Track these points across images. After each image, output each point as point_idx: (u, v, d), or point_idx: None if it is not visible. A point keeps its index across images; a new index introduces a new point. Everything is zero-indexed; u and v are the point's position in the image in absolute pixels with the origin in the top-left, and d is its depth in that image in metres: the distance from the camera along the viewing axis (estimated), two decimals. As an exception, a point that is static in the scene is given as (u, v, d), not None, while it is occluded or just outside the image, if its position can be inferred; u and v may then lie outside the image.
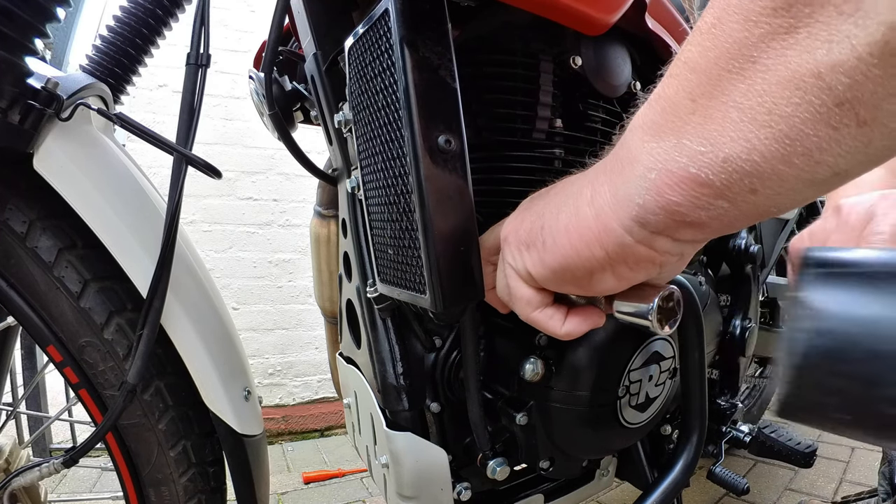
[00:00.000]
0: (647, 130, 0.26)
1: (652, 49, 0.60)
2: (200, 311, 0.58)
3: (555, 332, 0.37)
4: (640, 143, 0.26)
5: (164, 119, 1.83)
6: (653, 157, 0.25)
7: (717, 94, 0.23)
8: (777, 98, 0.21)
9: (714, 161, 0.23)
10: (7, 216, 0.51)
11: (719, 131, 0.23)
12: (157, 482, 0.59)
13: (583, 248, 0.30)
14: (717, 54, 0.22)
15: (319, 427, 2.02)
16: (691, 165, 0.24)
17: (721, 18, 0.22)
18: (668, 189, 0.25)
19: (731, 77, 0.22)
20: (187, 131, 0.53)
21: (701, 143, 0.23)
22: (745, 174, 0.23)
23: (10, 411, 0.86)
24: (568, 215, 0.31)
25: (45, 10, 0.47)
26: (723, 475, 0.78)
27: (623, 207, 0.27)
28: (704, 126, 0.23)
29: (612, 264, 0.30)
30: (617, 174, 0.28)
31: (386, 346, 0.53)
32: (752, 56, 0.21)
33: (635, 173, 0.26)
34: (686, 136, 0.24)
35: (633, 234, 0.28)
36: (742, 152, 0.22)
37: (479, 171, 0.49)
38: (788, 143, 0.21)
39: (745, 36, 0.21)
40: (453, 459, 0.54)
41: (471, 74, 0.49)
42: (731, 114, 0.22)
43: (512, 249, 0.36)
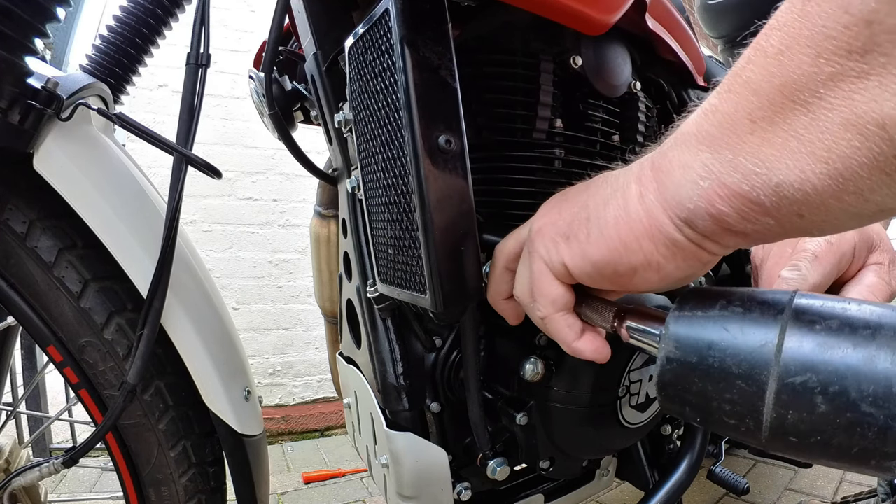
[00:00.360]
0: (703, 140, 0.26)
1: (652, 49, 0.60)
2: (200, 311, 0.57)
3: (566, 343, 0.37)
4: (695, 150, 0.27)
5: (164, 119, 1.83)
6: (707, 167, 0.26)
7: (778, 120, 0.23)
8: (837, 138, 0.21)
9: (767, 183, 0.24)
10: (7, 216, 0.51)
11: (776, 157, 0.23)
12: (157, 482, 0.59)
13: (632, 242, 0.30)
14: (783, 82, 0.22)
15: (319, 427, 2.02)
16: (744, 183, 0.24)
17: (790, 47, 0.22)
18: (718, 200, 0.26)
19: (795, 107, 0.22)
20: (187, 131, 0.53)
21: (756, 164, 0.24)
22: (795, 201, 0.23)
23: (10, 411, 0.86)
24: (616, 208, 0.31)
25: (45, 10, 0.47)
26: (723, 475, 0.78)
27: (673, 207, 0.28)
28: (762, 148, 0.24)
29: (659, 261, 0.30)
30: (667, 175, 0.28)
31: (386, 346, 0.53)
32: (818, 92, 0.21)
33: (687, 178, 0.27)
34: (742, 154, 0.24)
35: (684, 233, 0.28)
36: (795, 181, 0.23)
37: (479, 171, 0.49)
38: (842, 181, 0.22)
39: (815, 71, 0.21)
40: (453, 459, 0.54)
41: (471, 74, 0.49)
42: (790, 142, 0.23)
43: (546, 241, 0.35)
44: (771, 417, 0.26)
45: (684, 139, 0.28)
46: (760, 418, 0.26)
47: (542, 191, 0.52)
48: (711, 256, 0.30)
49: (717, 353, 0.28)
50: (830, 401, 0.24)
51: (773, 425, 0.26)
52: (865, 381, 0.23)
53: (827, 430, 0.24)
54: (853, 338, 0.24)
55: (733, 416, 0.27)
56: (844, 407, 0.24)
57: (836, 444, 0.24)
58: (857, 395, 0.23)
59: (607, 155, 0.57)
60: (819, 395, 0.24)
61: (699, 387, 0.28)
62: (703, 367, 0.28)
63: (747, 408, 0.26)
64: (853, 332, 0.25)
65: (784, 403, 0.25)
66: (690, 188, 0.27)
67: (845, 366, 0.24)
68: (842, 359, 0.24)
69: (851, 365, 0.24)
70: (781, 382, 0.25)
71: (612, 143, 0.57)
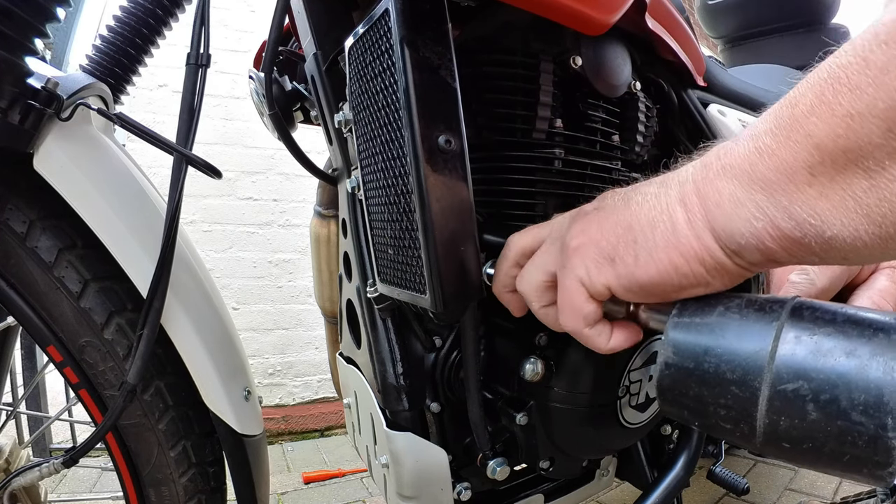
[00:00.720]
0: (757, 181, 0.27)
1: (652, 49, 0.60)
2: (200, 311, 0.58)
3: (599, 348, 0.37)
4: (748, 189, 0.27)
5: (164, 119, 1.83)
6: (762, 209, 0.27)
7: (838, 179, 0.24)
8: (895, 208, 0.22)
9: (820, 235, 0.25)
10: (7, 216, 0.51)
11: (832, 213, 0.24)
12: (157, 482, 0.59)
13: (682, 265, 0.31)
14: (848, 146, 0.23)
15: (319, 427, 2.02)
16: (797, 230, 0.25)
17: (861, 113, 0.22)
18: (770, 240, 0.27)
19: (857, 171, 0.23)
20: (187, 131, 0.53)
21: (811, 216, 0.25)
22: (843, 250, 0.25)
23: (10, 411, 0.86)
24: (665, 232, 0.31)
25: (45, 10, 0.47)
26: (723, 475, 0.78)
27: (724, 239, 0.29)
28: (819, 202, 0.24)
29: (708, 280, 0.31)
30: (717, 206, 0.29)
31: (386, 346, 0.53)
32: (883, 164, 0.22)
33: (739, 214, 0.28)
34: (798, 204, 0.25)
35: (734, 260, 0.29)
36: (848, 237, 0.24)
37: (479, 171, 0.49)
38: (891, 241, 0.23)
39: (883, 144, 0.22)
40: (453, 459, 0.54)
41: (471, 74, 0.49)
42: (847, 202, 0.24)
43: (588, 262, 0.35)
44: (764, 423, 0.26)
45: (735, 174, 0.28)
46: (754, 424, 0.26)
47: (542, 191, 0.52)
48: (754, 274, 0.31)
49: (713, 359, 0.28)
50: (821, 409, 0.24)
51: (767, 431, 0.26)
52: (857, 390, 0.23)
53: (818, 438, 0.25)
54: (846, 345, 0.25)
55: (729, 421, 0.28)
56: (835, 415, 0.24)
57: (828, 451, 0.24)
58: (848, 403, 0.24)
59: (607, 155, 0.57)
60: (810, 403, 0.25)
61: (696, 392, 0.29)
62: (699, 372, 0.29)
63: (742, 413, 0.27)
64: (847, 340, 0.25)
65: (776, 410, 0.26)
66: (743, 224, 0.27)
67: (837, 374, 0.24)
68: (833, 367, 0.24)
69: (843, 373, 0.24)
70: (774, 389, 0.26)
71: (612, 143, 0.57)
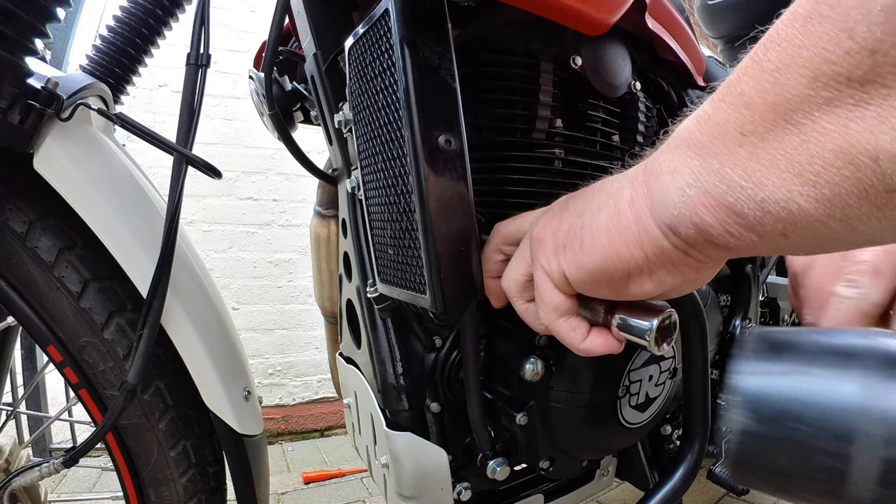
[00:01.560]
0: (692, 147, 0.26)
1: (652, 49, 0.60)
2: (200, 311, 0.57)
3: (574, 345, 0.37)
4: (684, 157, 0.27)
5: (164, 119, 1.83)
6: (694, 174, 0.26)
7: (768, 137, 0.23)
8: (828, 164, 0.21)
9: (752, 198, 0.23)
10: (7, 216, 0.51)
11: (763, 173, 0.23)
12: (157, 482, 0.59)
13: (623, 249, 0.30)
14: (776, 100, 0.22)
15: (319, 427, 2.02)
16: (729, 194, 0.24)
17: (787, 65, 0.22)
18: (702, 209, 0.25)
19: (787, 127, 0.22)
20: (187, 131, 0.53)
21: (743, 178, 0.24)
22: (780, 219, 0.23)
23: (10, 411, 0.86)
24: (608, 215, 0.31)
25: (45, 10, 0.47)
26: (723, 475, 0.77)
27: (659, 212, 0.28)
28: (749, 162, 0.23)
29: (650, 267, 0.30)
30: (656, 179, 0.28)
31: (386, 346, 0.53)
32: (812, 115, 0.21)
33: (674, 184, 0.27)
34: (729, 166, 0.24)
35: (669, 239, 0.28)
36: (781, 199, 0.22)
37: (479, 171, 0.49)
38: (829, 206, 0.21)
39: (810, 94, 0.21)
40: (453, 459, 0.54)
41: (471, 74, 0.49)
42: (778, 161, 0.22)
43: (547, 252, 0.35)
44: (872, 493, 0.21)
45: (676, 144, 0.28)
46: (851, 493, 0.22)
47: (542, 191, 0.52)
48: (701, 265, 0.29)
49: (804, 426, 0.23)
50: None
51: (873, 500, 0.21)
52: None
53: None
54: None
55: (819, 493, 0.23)
56: None
57: None
58: None
59: (607, 155, 0.57)
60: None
61: (780, 462, 0.24)
62: (786, 441, 0.23)
63: (834, 484, 0.22)
64: None
65: (889, 482, 0.21)
66: (676, 194, 0.26)
67: None
68: None
69: None
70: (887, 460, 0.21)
71: (612, 143, 0.57)
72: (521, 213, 0.46)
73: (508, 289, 0.39)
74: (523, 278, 0.38)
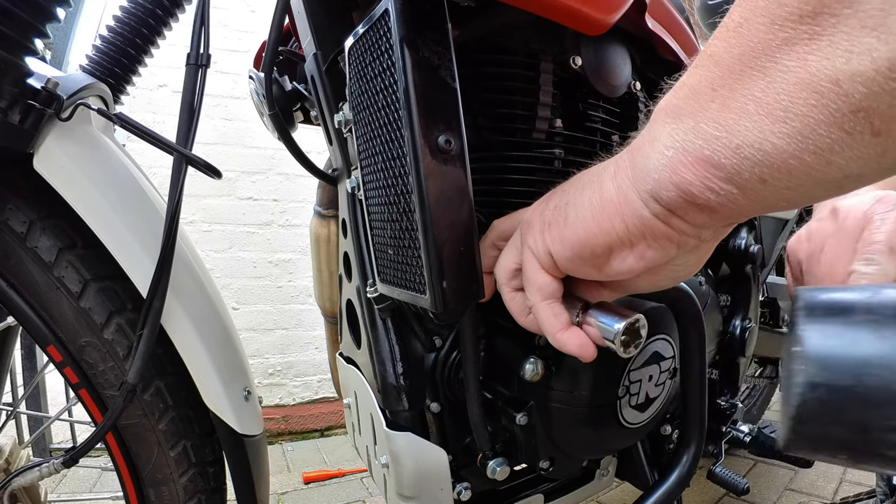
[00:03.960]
0: (669, 113, 0.28)
1: (652, 49, 0.60)
2: (200, 311, 0.57)
3: (550, 333, 0.36)
4: (662, 123, 0.28)
5: (164, 119, 1.83)
6: (671, 136, 0.27)
7: (737, 87, 0.24)
8: (794, 98, 0.22)
9: (727, 146, 0.24)
10: (7, 216, 0.51)
11: (735, 120, 0.24)
12: (157, 482, 0.59)
13: (604, 221, 0.31)
14: (741, 51, 0.24)
15: (319, 427, 2.02)
16: (706, 147, 0.25)
17: (748, 19, 0.23)
18: (682, 167, 0.26)
19: (753, 73, 0.23)
20: (187, 131, 0.53)
21: (717, 129, 0.25)
22: (757, 163, 0.24)
23: (10, 411, 0.86)
24: (592, 190, 0.32)
25: (45, 10, 0.47)
26: (723, 475, 0.78)
27: (640, 180, 0.29)
28: (722, 113, 0.25)
29: (631, 240, 0.31)
30: (637, 150, 0.30)
31: (386, 346, 0.53)
32: (774, 57, 0.23)
33: (654, 150, 0.28)
34: (703, 121, 0.25)
35: (650, 207, 0.29)
36: (755, 142, 0.23)
37: (479, 171, 0.49)
38: (801, 139, 0.22)
39: (770, 38, 0.23)
40: (453, 459, 0.54)
41: (471, 74, 0.49)
42: (748, 106, 0.24)
43: (534, 231, 0.36)
44: None
45: (656, 116, 0.29)
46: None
47: (542, 191, 0.52)
48: (683, 238, 0.30)
49: (877, 371, 0.21)
50: None
51: None
52: None
53: None
54: None
55: None
56: None
57: None
58: None
59: (607, 155, 0.57)
60: None
61: (856, 417, 0.22)
62: (860, 390, 0.22)
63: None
64: None
65: None
66: (657, 159, 0.28)
67: None
68: None
69: None
70: None
71: (612, 143, 0.57)
72: None
73: (498, 276, 0.40)
74: (513, 266, 0.39)
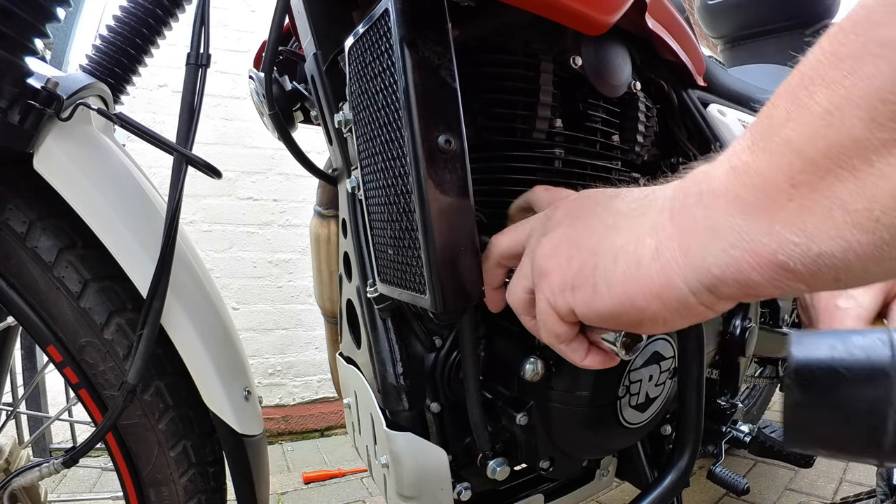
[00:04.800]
0: (734, 204, 0.25)
1: (652, 49, 0.60)
2: (200, 311, 0.57)
3: (576, 363, 0.38)
4: (725, 215, 0.25)
5: (164, 119, 1.83)
6: (739, 235, 0.24)
7: (821, 187, 0.22)
8: (887, 208, 0.20)
9: (806, 254, 0.22)
10: (7, 216, 0.51)
11: (817, 227, 0.22)
12: (157, 482, 0.59)
13: (639, 300, 0.29)
14: (829, 145, 0.21)
15: (319, 427, 2.02)
16: (780, 252, 0.23)
17: (840, 108, 0.21)
18: (749, 268, 0.24)
19: (841, 173, 0.21)
20: (187, 131, 0.53)
21: (795, 234, 0.22)
22: (834, 268, 0.22)
23: (10, 411, 0.86)
24: (627, 264, 0.30)
25: (45, 10, 0.47)
26: (723, 475, 0.77)
27: (694, 272, 0.27)
28: (801, 216, 0.22)
29: (666, 317, 0.30)
30: (691, 235, 0.27)
31: (386, 346, 0.53)
32: (869, 159, 0.20)
33: (716, 245, 0.25)
34: (779, 223, 0.23)
35: (699, 296, 0.27)
36: (837, 251, 0.22)
37: (479, 171, 0.49)
38: (887, 248, 0.21)
39: (867, 137, 0.20)
40: (453, 459, 0.54)
41: (471, 74, 0.49)
42: (834, 213, 0.21)
43: (553, 287, 0.34)
44: None
45: (712, 199, 0.26)
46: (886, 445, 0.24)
47: (542, 191, 0.52)
48: (718, 311, 0.29)
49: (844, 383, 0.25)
50: None
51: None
52: None
53: None
54: None
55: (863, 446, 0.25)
56: None
57: None
58: None
59: (607, 155, 0.57)
60: None
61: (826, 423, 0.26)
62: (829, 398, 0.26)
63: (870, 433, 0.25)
64: None
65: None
66: (718, 255, 0.25)
67: None
68: None
69: None
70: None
71: (612, 143, 0.57)
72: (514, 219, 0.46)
73: (515, 306, 0.40)
74: (527, 296, 0.38)
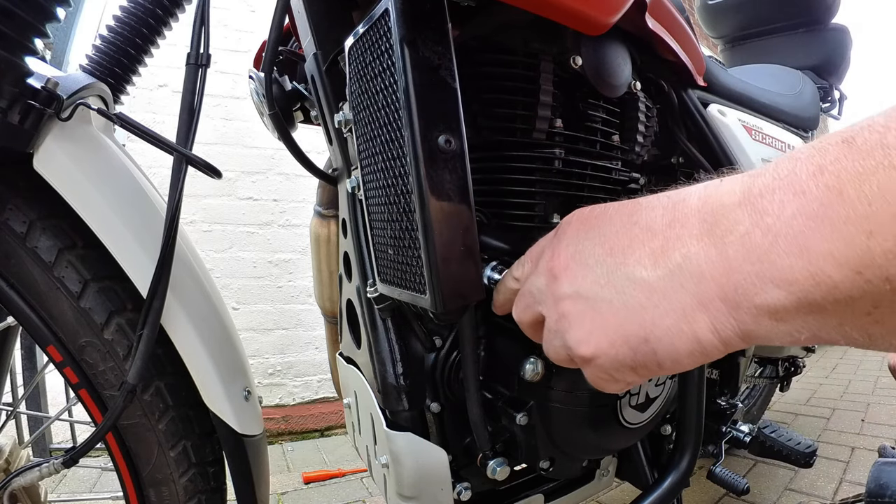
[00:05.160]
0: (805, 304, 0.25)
1: (652, 49, 0.60)
2: (200, 311, 0.57)
3: None
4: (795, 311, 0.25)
5: (164, 119, 1.83)
6: (808, 328, 0.25)
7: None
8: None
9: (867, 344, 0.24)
10: (7, 216, 0.51)
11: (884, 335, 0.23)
12: (157, 482, 0.59)
13: (700, 360, 0.30)
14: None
15: (319, 427, 2.02)
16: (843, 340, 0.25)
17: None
18: (805, 342, 0.26)
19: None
20: (187, 131, 0.53)
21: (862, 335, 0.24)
22: None
23: (10, 411, 0.86)
24: (689, 343, 0.29)
25: (45, 10, 0.47)
26: (723, 475, 0.78)
27: (748, 340, 0.28)
28: (873, 327, 0.23)
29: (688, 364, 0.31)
30: (753, 320, 0.27)
31: (386, 346, 0.53)
32: None
33: (781, 329, 0.26)
34: (849, 325, 0.24)
35: (729, 346, 0.29)
36: None
37: (479, 171, 0.49)
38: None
39: None
40: (453, 459, 0.54)
41: (471, 74, 0.49)
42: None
43: (610, 370, 0.34)
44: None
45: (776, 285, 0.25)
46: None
47: (542, 191, 0.52)
48: None
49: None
50: None
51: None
52: None
53: None
54: None
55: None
56: None
57: None
58: None
59: (607, 155, 0.57)
60: None
61: None
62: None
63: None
64: None
65: None
66: (782, 339, 0.26)
67: None
68: None
69: None
70: None
71: (612, 143, 0.57)
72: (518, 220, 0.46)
73: (521, 325, 0.40)
74: (535, 320, 0.38)
